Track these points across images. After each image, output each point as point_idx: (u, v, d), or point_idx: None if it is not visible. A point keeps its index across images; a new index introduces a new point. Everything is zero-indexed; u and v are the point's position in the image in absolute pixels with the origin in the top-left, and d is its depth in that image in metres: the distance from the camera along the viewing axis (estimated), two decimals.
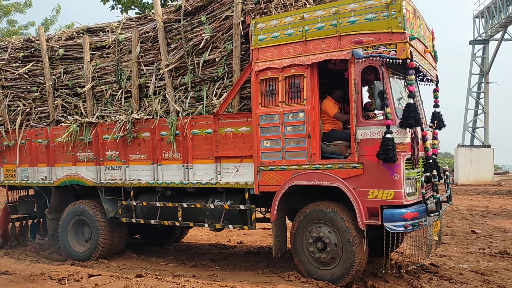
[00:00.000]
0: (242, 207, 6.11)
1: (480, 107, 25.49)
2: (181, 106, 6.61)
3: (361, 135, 5.28)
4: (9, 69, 8.30)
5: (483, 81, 25.30)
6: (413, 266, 6.26)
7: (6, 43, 8.59)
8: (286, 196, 5.76)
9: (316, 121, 5.62)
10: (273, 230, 5.93)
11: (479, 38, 25.38)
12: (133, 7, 13.93)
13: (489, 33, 24.55)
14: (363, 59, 5.25)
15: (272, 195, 5.85)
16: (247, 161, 6.06)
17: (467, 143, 25.16)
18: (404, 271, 6.10)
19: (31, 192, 8.91)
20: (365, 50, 5.25)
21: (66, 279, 5.99)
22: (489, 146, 23.93)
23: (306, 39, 5.58)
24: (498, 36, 24.37)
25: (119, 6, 14.09)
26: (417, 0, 5.84)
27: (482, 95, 25.53)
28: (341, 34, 5.38)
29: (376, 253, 6.05)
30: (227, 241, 8.91)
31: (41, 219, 8.94)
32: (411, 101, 5.12)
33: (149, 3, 13.95)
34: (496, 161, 28.23)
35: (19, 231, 8.84)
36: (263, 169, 5.86)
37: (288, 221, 6.40)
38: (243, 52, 6.20)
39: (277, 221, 5.89)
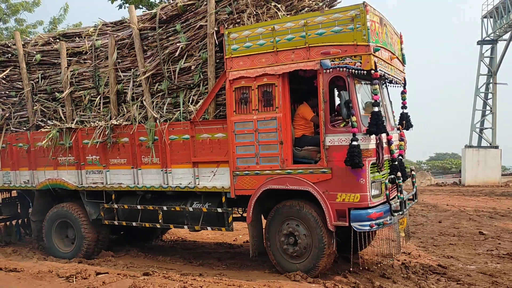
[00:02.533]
0: (219, 210, 6.42)
1: (488, 107, 24.40)
2: (158, 112, 6.82)
3: (329, 141, 5.60)
4: None
5: (491, 81, 24.62)
6: (386, 262, 6.62)
7: None
8: (261, 199, 6.08)
9: (288, 128, 5.91)
10: (250, 231, 6.26)
11: (487, 38, 24.68)
12: (140, 6, 13.83)
13: (497, 33, 23.88)
14: (331, 69, 5.54)
15: (248, 197, 6.16)
16: (223, 166, 6.34)
17: (475, 144, 24.45)
18: (412, 271, 6.24)
19: (14, 193, 9.05)
20: (333, 61, 5.54)
21: (74, 277, 6.05)
22: (496, 147, 23.30)
23: (277, 50, 5.82)
24: (506, 36, 23.59)
25: (127, 5, 13.97)
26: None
27: (490, 95, 24.76)
28: (310, 46, 5.64)
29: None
30: (234, 240, 8.98)
31: (25, 219, 9.13)
32: (376, 109, 5.44)
33: (157, 2, 13.85)
34: (504, 162, 27.31)
35: (4, 231, 9.02)
36: (238, 174, 6.16)
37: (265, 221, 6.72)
38: (217, 60, 6.41)
39: (253, 222, 6.21)
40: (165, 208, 6.84)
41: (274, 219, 6.08)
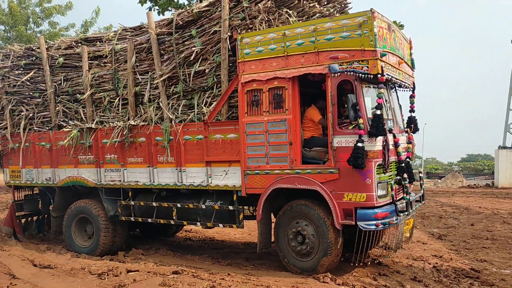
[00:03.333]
0: (231, 207, 6.67)
1: None
2: (174, 113, 7.11)
3: (337, 143, 5.81)
4: (12, 76, 8.79)
5: None
6: (384, 258, 6.75)
7: (8, 51, 9.05)
8: (270, 197, 6.31)
9: (297, 129, 6.14)
10: (259, 229, 6.49)
11: None
12: (169, 8, 14.19)
13: None
14: (339, 73, 5.75)
15: (258, 195, 6.40)
16: (235, 166, 6.59)
17: (508, 145, 23.94)
18: (443, 275, 6.22)
19: (36, 190, 9.46)
20: (341, 65, 5.75)
21: (106, 274, 6.21)
22: None
23: (288, 54, 6.06)
24: None
25: (156, 7, 14.38)
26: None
27: None
28: (319, 50, 5.87)
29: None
30: None
31: (46, 215, 9.52)
32: (378, 112, 5.63)
33: (185, 4, 14.14)
34: None
35: (24, 226, 9.43)
36: (249, 173, 6.40)
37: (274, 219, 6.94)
38: (230, 64, 6.67)
39: (263, 220, 6.45)
40: (179, 205, 7.12)
41: (283, 218, 6.30)
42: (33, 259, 7.31)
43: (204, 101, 6.90)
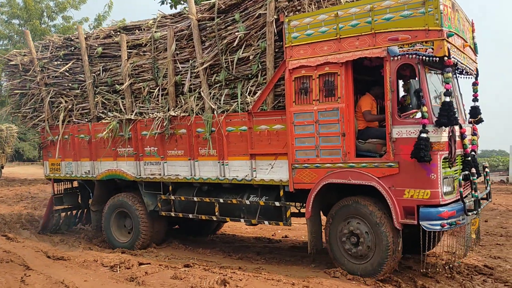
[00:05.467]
0: (277, 203, 6.23)
1: None
2: (216, 103, 6.73)
3: (396, 134, 5.25)
4: (50, 67, 8.64)
5: None
6: (453, 264, 6.17)
7: (47, 42, 8.91)
8: (320, 193, 5.82)
9: (351, 119, 5.61)
10: (308, 227, 6.02)
11: None
12: (182, 1, 13.98)
13: None
14: (399, 57, 5.19)
15: (307, 191, 5.93)
16: (281, 159, 6.14)
17: None
18: (456, 271, 5.94)
19: (75, 184, 9.33)
20: (401, 47, 5.18)
21: (118, 267, 6.21)
22: None
23: (340, 37, 5.54)
24: None
25: (169, 1, 14.18)
26: None
27: None
28: (376, 32, 5.31)
29: (412, 251, 6.06)
30: (272, 235, 8.90)
31: (85, 209, 9.38)
32: (447, 99, 5.04)
33: None
34: None
35: (63, 220, 9.32)
36: (297, 167, 5.93)
37: (323, 217, 6.47)
38: (277, 50, 6.22)
39: (312, 218, 5.97)
40: (221, 200, 6.74)
41: (335, 217, 5.80)
42: (46, 250, 7.37)
43: (248, 90, 6.49)
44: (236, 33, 6.44)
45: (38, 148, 9.50)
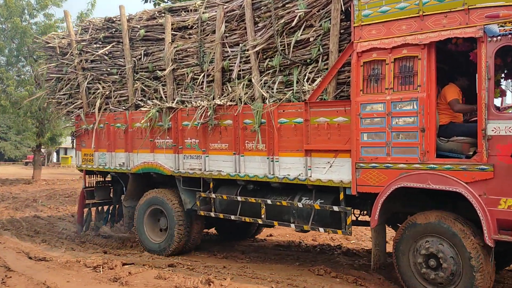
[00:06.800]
0: (336, 208, 5.36)
1: None
2: (268, 91, 5.96)
3: (492, 130, 4.31)
4: (89, 50, 8.09)
5: None
6: None
7: (87, 24, 8.38)
8: (391, 198, 4.92)
9: (432, 112, 4.72)
10: (373, 238, 5.12)
11: None
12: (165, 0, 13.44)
13: None
14: (499, 37, 4.27)
15: (370, 196, 5.06)
16: (343, 156, 5.29)
17: None
18: None
19: (108, 177, 8.73)
20: (502, 26, 4.28)
21: (101, 267, 6.11)
22: None
23: (423, 14, 4.67)
24: None
25: None
26: None
27: None
28: (469, 7, 4.42)
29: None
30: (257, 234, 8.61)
31: (117, 205, 8.77)
32: None
33: None
34: None
35: (95, 216, 8.73)
36: (363, 166, 5.06)
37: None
38: (342, 31, 5.41)
39: (378, 228, 5.08)
40: (269, 201, 5.93)
41: (407, 232, 4.86)
42: (28, 251, 7.20)
43: (306, 76, 5.69)
44: (296, 11, 5.65)
45: (71, 137, 8.83)
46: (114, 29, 7.84)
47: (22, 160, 43.45)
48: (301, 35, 5.70)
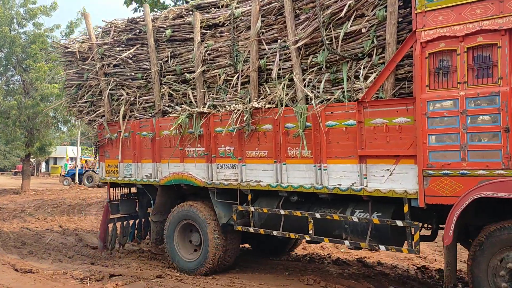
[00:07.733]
0: (399, 223, 4.66)
1: None
2: (312, 91, 5.31)
3: None
4: (111, 54, 7.55)
5: None
6: None
7: (109, 26, 7.85)
8: (468, 211, 4.21)
9: None
10: (445, 256, 4.40)
11: None
12: (155, 9, 12.98)
13: None
14: None
15: (444, 208, 4.36)
16: (406, 162, 4.61)
17: None
18: (427, 276, 5.81)
19: (133, 190, 8.15)
20: None
21: (88, 279, 6.05)
22: None
23: None
24: None
25: (142, 8, 13.21)
26: None
27: None
28: None
29: None
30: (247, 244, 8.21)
31: (143, 219, 8.18)
32: None
33: (171, 5, 12.90)
34: None
35: (121, 232, 8.15)
36: (432, 174, 4.36)
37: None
38: (400, 19, 4.74)
39: (451, 245, 4.36)
40: (317, 215, 5.25)
41: (484, 247, 4.16)
42: (14, 263, 7.09)
43: (358, 73, 5.02)
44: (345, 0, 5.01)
45: (94, 147, 8.28)
46: (138, 31, 7.28)
47: (11, 170, 43.55)
48: (350, 26, 5.06)
